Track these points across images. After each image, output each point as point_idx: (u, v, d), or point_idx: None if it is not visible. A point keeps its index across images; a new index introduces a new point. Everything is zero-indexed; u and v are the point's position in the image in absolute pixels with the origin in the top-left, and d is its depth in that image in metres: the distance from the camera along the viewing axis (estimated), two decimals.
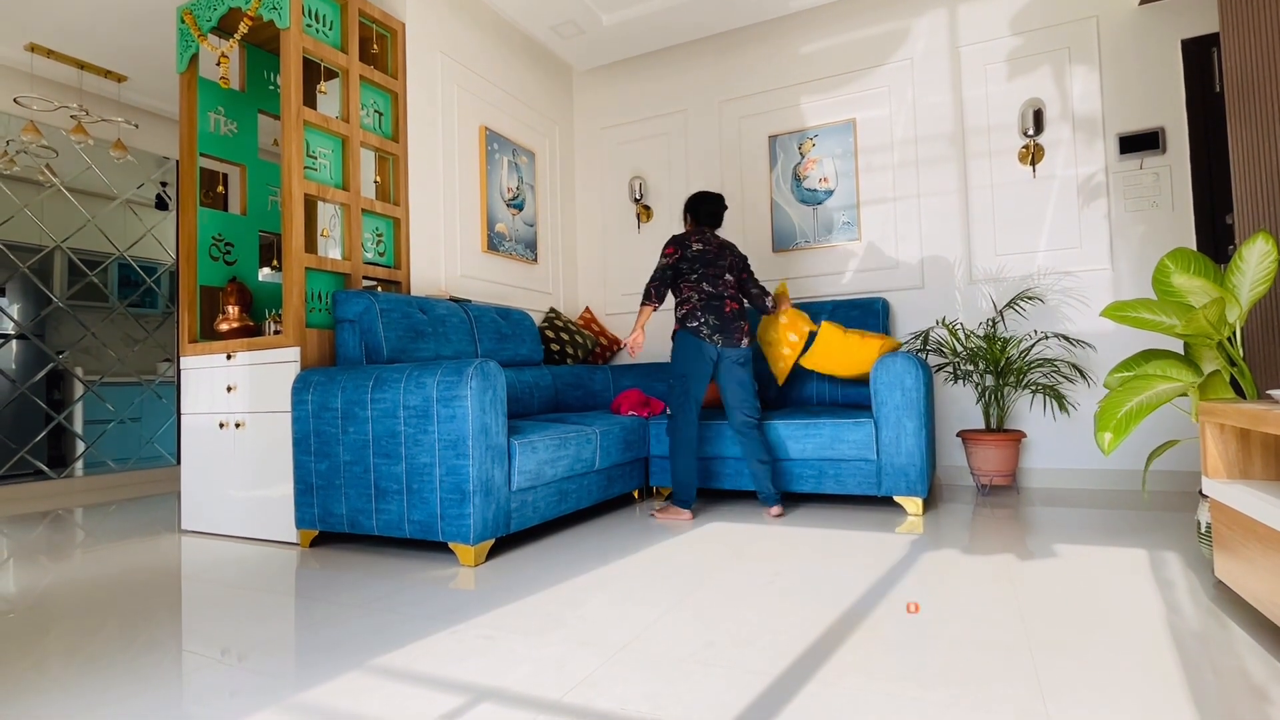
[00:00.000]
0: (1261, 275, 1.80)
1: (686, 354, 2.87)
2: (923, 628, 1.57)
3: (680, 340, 2.89)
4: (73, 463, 4.52)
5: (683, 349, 2.88)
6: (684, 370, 2.87)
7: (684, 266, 2.92)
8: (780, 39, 4.15)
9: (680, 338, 2.90)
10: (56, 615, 1.87)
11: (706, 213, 3.03)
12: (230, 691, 1.35)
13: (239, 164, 3.35)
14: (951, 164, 3.70)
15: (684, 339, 2.88)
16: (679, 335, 2.90)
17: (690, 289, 2.91)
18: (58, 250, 4.53)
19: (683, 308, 2.92)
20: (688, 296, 2.91)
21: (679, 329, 2.91)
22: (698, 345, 2.85)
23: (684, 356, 2.87)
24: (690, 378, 2.86)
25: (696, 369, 2.86)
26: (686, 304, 2.91)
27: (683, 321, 2.90)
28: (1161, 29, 3.29)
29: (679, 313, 2.92)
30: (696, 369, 2.86)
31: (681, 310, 2.92)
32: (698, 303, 2.88)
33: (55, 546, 2.78)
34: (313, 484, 2.57)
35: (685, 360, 2.87)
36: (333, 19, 3.06)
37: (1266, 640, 1.44)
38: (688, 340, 2.87)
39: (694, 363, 2.85)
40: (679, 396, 2.89)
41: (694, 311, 2.88)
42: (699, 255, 2.92)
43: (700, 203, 3.04)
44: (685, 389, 2.87)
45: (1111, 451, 1.87)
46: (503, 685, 1.33)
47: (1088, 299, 3.40)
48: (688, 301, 2.90)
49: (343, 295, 2.78)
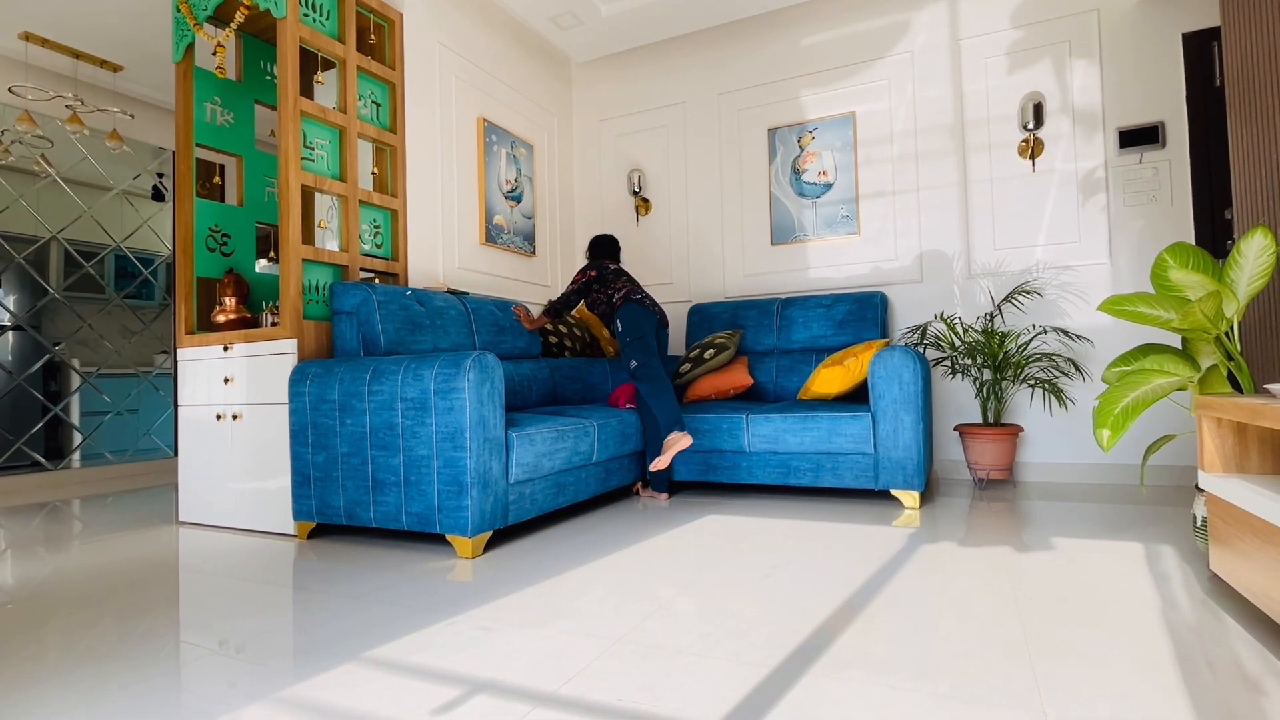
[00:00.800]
0: (1259, 270, 1.80)
1: (635, 318, 3.28)
2: (919, 620, 1.58)
3: (627, 309, 3.29)
4: (70, 454, 4.51)
5: (631, 315, 3.28)
6: (639, 331, 3.26)
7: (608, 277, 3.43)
8: (780, 31, 4.13)
9: (627, 308, 3.29)
10: (54, 607, 1.87)
11: (610, 252, 3.65)
12: (228, 682, 1.35)
13: (236, 155, 3.33)
14: (951, 158, 3.69)
15: (630, 308, 3.30)
16: (625, 308, 3.30)
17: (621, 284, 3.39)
18: (54, 241, 4.51)
19: (617, 292, 3.35)
20: (619, 288, 3.36)
21: (623, 304, 3.31)
22: (642, 310, 3.31)
23: (634, 320, 3.27)
24: (646, 334, 3.27)
25: (649, 329, 3.29)
26: (620, 292, 3.35)
27: (625, 297, 3.33)
28: (1162, 22, 3.28)
29: (616, 296, 3.35)
30: (649, 329, 3.29)
31: (618, 294, 3.35)
32: (631, 288, 3.37)
33: (52, 538, 2.78)
34: (310, 476, 2.56)
35: (637, 323, 3.27)
36: (330, 8, 3.04)
37: (1261, 633, 1.44)
38: (633, 308, 3.30)
39: (645, 325, 3.28)
40: (641, 351, 3.22)
41: (630, 293, 3.34)
42: (603, 277, 3.44)
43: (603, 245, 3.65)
44: (645, 343, 3.24)
45: (1110, 447, 1.87)
46: (500, 677, 1.34)
47: (1086, 293, 3.40)
48: (620, 291, 3.35)
49: (340, 287, 2.77)
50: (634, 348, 3.26)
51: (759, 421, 3.09)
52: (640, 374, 3.18)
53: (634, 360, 3.23)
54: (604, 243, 3.65)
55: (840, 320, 3.64)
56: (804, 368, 3.63)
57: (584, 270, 3.44)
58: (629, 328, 3.29)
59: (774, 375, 3.70)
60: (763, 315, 3.84)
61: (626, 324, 3.29)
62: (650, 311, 3.35)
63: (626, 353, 3.27)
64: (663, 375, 3.18)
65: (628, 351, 3.27)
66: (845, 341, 3.62)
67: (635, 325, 3.29)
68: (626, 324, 3.29)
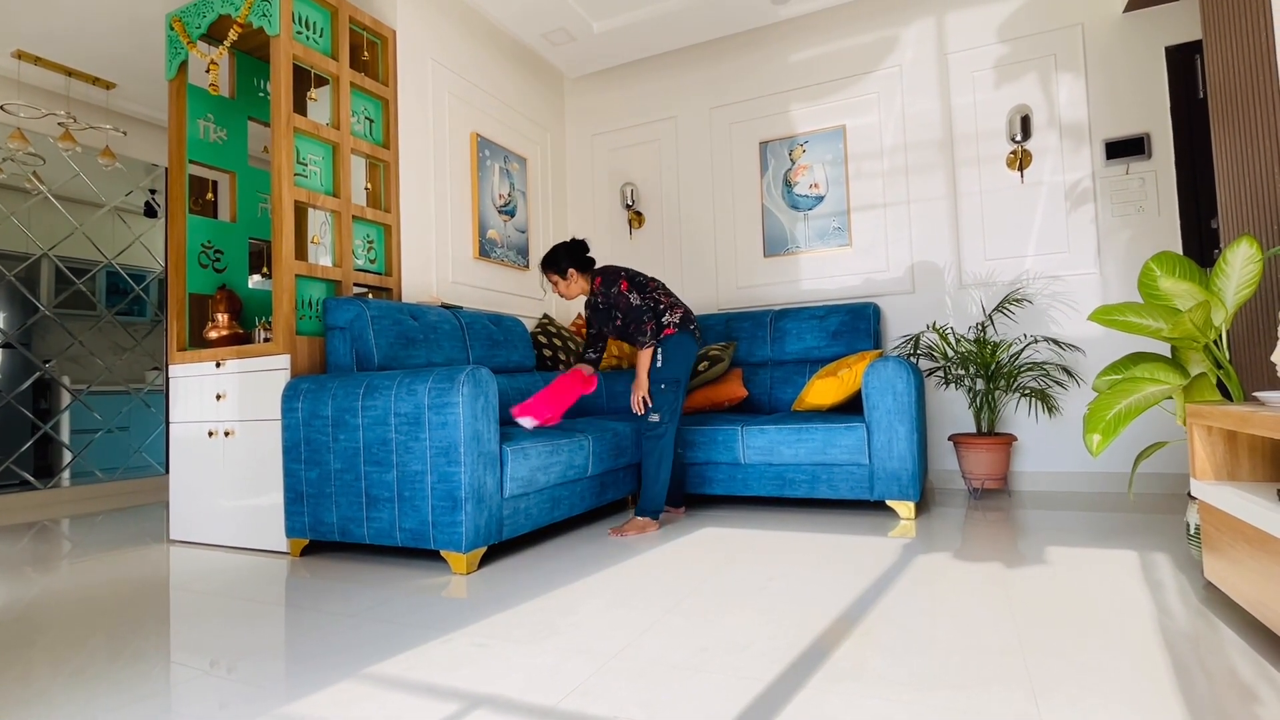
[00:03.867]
0: (1246, 279, 1.82)
1: (684, 357, 2.81)
2: (916, 632, 1.57)
3: (679, 343, 2.80)
4: (59, 473, 4.47)
5: (682, 351, 2.80)
6: (679, 375, 2.80)
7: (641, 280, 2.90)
8: (770, 46, 4.18)
9: (679, 340, 2.80)
10: (42, 627, 1.85)
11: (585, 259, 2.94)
12: (219, 703, 1.34)
13: (229, 171, 3.34)
14: (940, 170, 3.73)
15: (684, 341, 2.81)
16: (677, 338, 2.80)
17: (662, 294, 2.88)
18: (45, 258, 4.49)
19: (673, 313, 2.84)
20: (670, 303, 2.86)
21: (675, 332, 2.80)
22: (693, 346, 2.84)
23: (682, 359, 2.80)
24: (683, 383, 2.83)
25: (686, 374, 2.84)
26: (676, 309, 2.85)
27: (681, 325, 2.82)
28: (1146, 36, 3.34)
29: (671, 317, 2.82)
30: (686, 374, 2.84)
31: (674, 315, 2.84)
32: (683, 305, 2.90)
33: (41, 557, 2.75)
34: (303, 492, 2.55)
35: (682, 363, 2.80)
36: (323, 26, 3.06)
37: (1255, 641, 1.45)
38: (687, 342, 2.82)
39: (686, 366, 2.82)
40: (671, 404, 2.79)
41: (688, 314, 2.88)
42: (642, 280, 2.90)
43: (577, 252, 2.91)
44: (678, 395, 2.81)
45: (1100, 453, 1.89)
46: (495, 694, 1.32)
47: (1076, 303, 3.43)
48: (675, 307, 2.86)
49: (333, 302, 2.76)
50: (667, 397, 2.77)
51: (754, 433, 3.09)
52: (654, 434, 2.76)
53: (657, 415, 2.76)
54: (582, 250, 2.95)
55: (833, 331, 3.65)
56: (798, 379, 3.64)
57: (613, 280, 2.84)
58: (672, 365, 2.75)
59: (768, 387, 3.70)
60: (756, 327, 3.85)
61: (670, 360, 2.75)
62: (698, 344, 2.89)
63: (653, 395, 2.77)
64: (670, 444, 2.79)
65: (655, 395, 2.76)
66: (839, 352, 3.64)
67: (680, 362, 2.77)
68: (670, 360, 2.75)
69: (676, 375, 2.79)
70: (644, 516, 2.77)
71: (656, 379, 2.77)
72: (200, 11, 3.05)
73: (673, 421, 2.80)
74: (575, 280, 2.91)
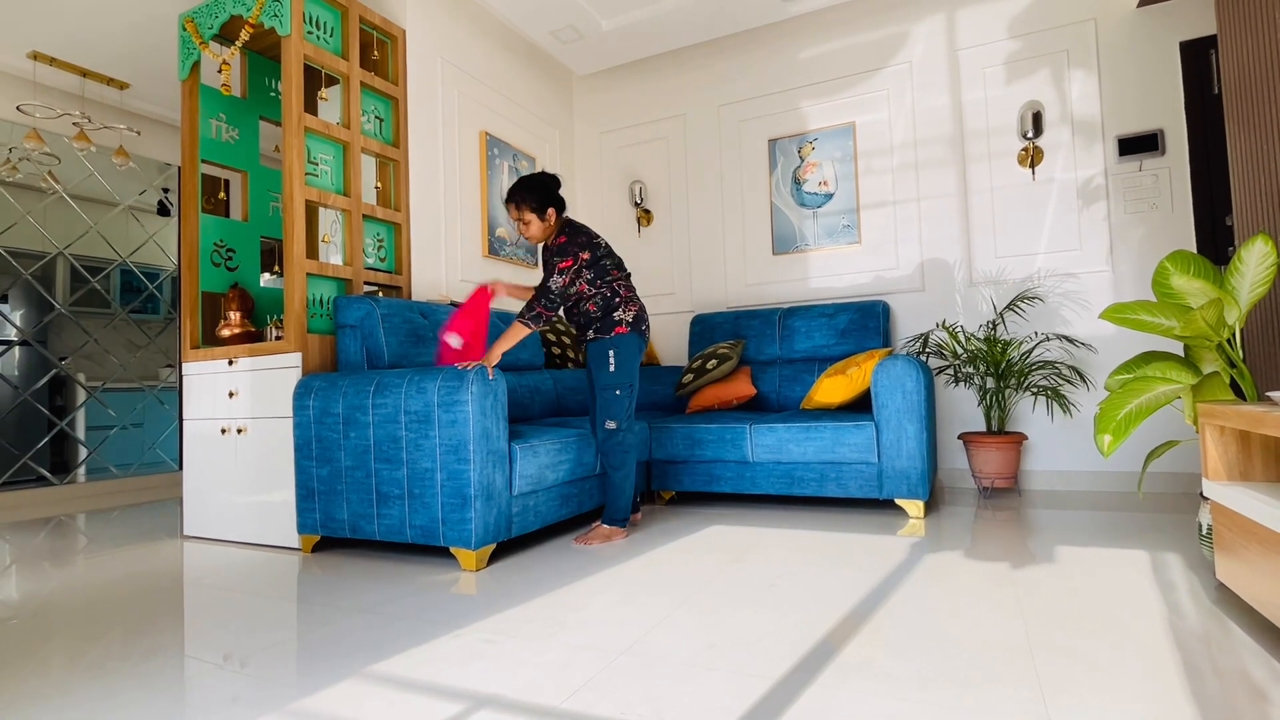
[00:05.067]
0: (1261, 277, 1.80)
1: (634, 357, 2.63)
2: (924, 630, 1.57)
3: (628, 343, 2.61)
4: (75, 469, 4.53)
5: (630, 351, 2.61)
6: (631, 379, 2.62)
7: (605, 263, 2.64)
8: (779, 43, 4.16)
9: (630, 340, 2.61)
10: (59, 621, 1.88)
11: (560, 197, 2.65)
12: (231, 698, 1.35)
13: (240, 170, 3.36)
14: (951, 167, 3.70)
15: (633, 341, 2.62)
16: (628, 339, 2.61)
17: (622, 286, 2.66)
18: (60, 257, 4.54)
19: (627, 309, 2.63)
20: (627, 296, 2.66)
21: (627, 332, 2.61)
22: (641, 347, 2.66)
23: (632, 360, 2.62)
24: (636, 384, 2.66)
25: (637, 375, 2.67)
26: (629, 304, 2.65)
27: (634, 324, 2.63)
28: (1159, 31, 3.30)
29: (623, 314, 2.62)
30: (637, 375, 2.67)
31: (628, 311, 2.63)
32: (639, 302, 2.70)
33: (58, 553, 2.79)
34: (314, 489, 2.57)
35: (632, 364, 2.62)
36: (333, 26, 3.07)
37: (1268, 642, 1.44)
38: (635, 342, 2.63)
39: (637, 367, 2.65)
40: (627, 405, 2.61)
41: (642, 314, 2.68)
42: (608, 247, 2.66)
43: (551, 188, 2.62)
44: (632, 397, 2.64)
45: (1111, 453, 1.87)
46: (504, 690, 1.34)
47: (1088, 301, 3.41)
48: (629, 302, 2.65)
49: (344, 301, 2.78)
50: (621, 401, 2.59)
51: (762, 432, 3.09)
52: (613, 442, 2.60)
53: (614, 422, 2.59)
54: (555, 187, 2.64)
55: (842, 329, 3.64)
56: (807, 377, 3.63)
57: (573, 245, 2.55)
58: (624, 367, 2.60)
59: (777, 385, 3.70)
60: (765, 325, 3.85)
61: (621, 361, 2.60)
62: (646, 342, 2.72)
63: (607, 401, 2.59)
64: (632, 447, 2.63)
65: (610, 401, 2.59)
66: (848, 351, 3.63)
67: (630, 363, 2.61)
68: (621, 361, 2.60)
69: (630, 380, 2.61)
70: (610, 525, 2.63)
71: (611, 383, 2.59)
72: (212, 12, 3.07)
73: (629, 426, 2.63)
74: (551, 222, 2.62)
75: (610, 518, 2.66)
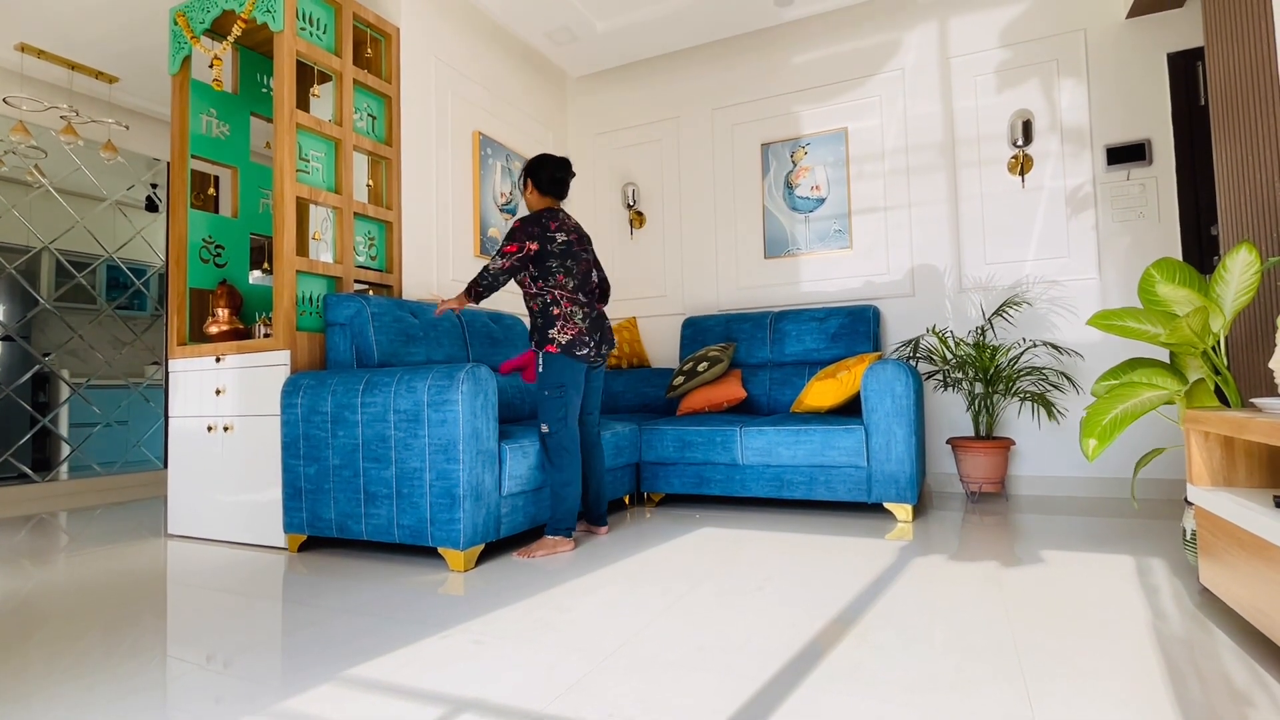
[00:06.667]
0: (1245, 285, 1.82)
1: (563, 369, 2.51)
2: (912, 634, 1.58)
3: (557, 363, 2.50)
4: (57, 466, 4.47)
5: (566, 369, 2.51)
6: (562, 380, 2.50)
7: (552, 264, 2.50)
8: (773, 48, 4.18)
9: (558, 361, 2.49)
10: (39, 621, 1.85)
11: (552, 180, 2.58)
12: (214, 698, 1.34)
13: (231, 166, 3.34)
14: (942, 173, 3.73)
15: (561, 362, 2.49)
16: (557, 359, 2.49)
17: (564, 297, 2.51)
18: (45, 251, 4.49)
19: (564, 328, 2.49)
20: (568, 311, 2.50)
21: (557, 351, 2.48)
22: (574, 368, 2.52)
23: (560, 370, 2.50)
24: (569, 387, 2.51)
25: (574, 379, 2.53)
26: (568, 323, 2.49)
27: (568, 348, 2.48)
28: (1147, 42, 3.34)
29: (558, 333, 2.49)
30: (574, 379, 2.53)
31: (564, 332, 2.49)
32: (581, 321, 2.52)
33: (38, 551, 2.75)
34: (301, 488, 2.55)
35: (561, 372, 2.50)
36: (327, 22, 3.06)
37: (1250, 646, 1.45)
38: (564, 364, 2.50)
39: (571, 373, 2.52)
40: (559, 408, 2.48)
41: (581, 337, 2.50)
42: (565, 248, 2.51)
43: (543, 167, 2.58)
44: (565, 400, 2.50)
45: (1096, 457, 1.89)
46: (491, 691, 1.33)
47: (1075, 308, 3.44)
48: (568, 320, 2.50)
49: (334, 299, 2.77)
50: (551, 403, 2.48)
51: (752, 434, 3.09)
52: (550, 446, 2.49)
53: (545, 424, 2.49)
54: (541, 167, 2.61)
55: (833, 333, 3.66)
56: (797, 381, 3.64)
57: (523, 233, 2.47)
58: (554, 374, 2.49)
59: (767, 388, 3.71)
60: (756, 328, 3.86)
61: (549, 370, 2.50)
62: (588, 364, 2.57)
63: (539, 402, 2.52)
64: (571, 451, 2.49)
65: (540, 403, 2.51)
66: (838, 355, 3.64)
67: (559, 372, 2.50)
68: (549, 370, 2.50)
69: (559, 381, 2.50)
70: (555, 535, 2.47)
71: (540, 385, 2.51)
72: (204, 6, 3.05)
73: (564, 428, 2.49)
74: (531, 194, 2.64)
75: (554, 527, 2.48)
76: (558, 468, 2.49)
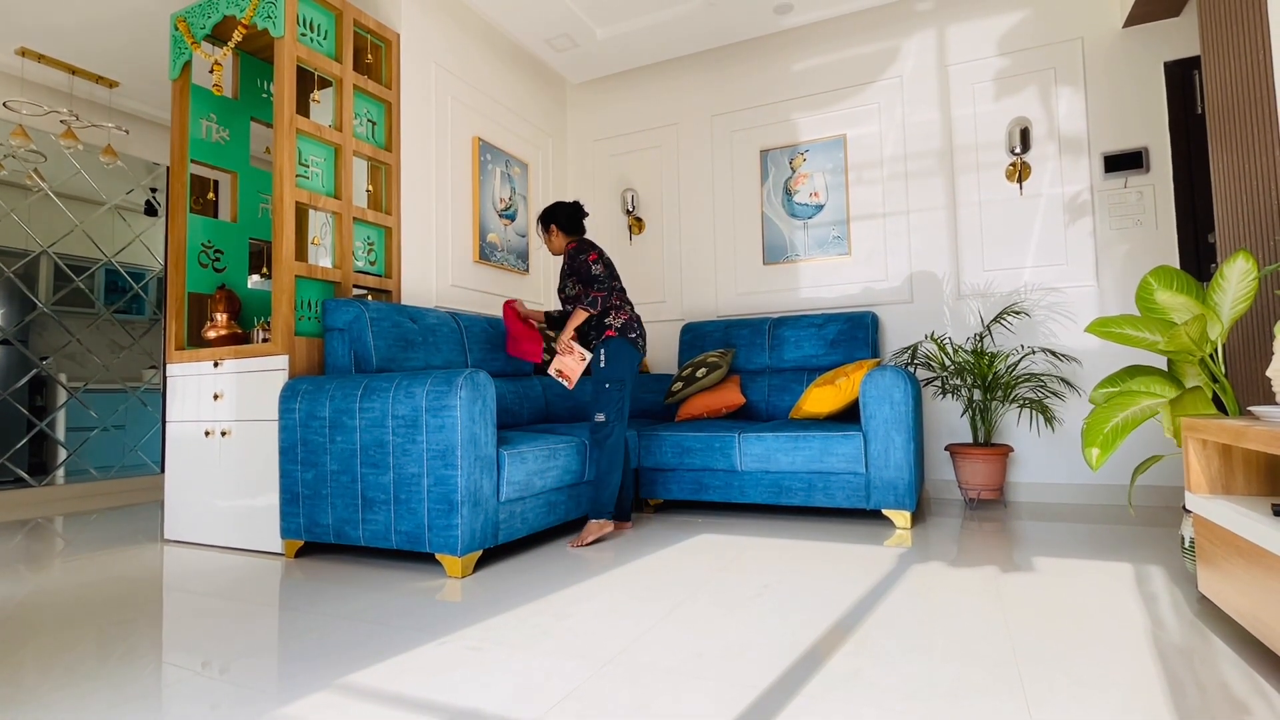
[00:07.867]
0: (1242, 293, 1.83)
1: (625, 360, 2.82)
2: (910, 641, 1.57)
3: (619, 347, 2.82)
4: (54, 470, 4.46)
5: (621, 355, 2.81)
6: (622, 375, 2.80)
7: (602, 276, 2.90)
8: (772, 56, 4.20)
9: (618, 345, 2.82)
10: (34, 626, 1.84)
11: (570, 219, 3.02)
12: (210, 705, 1.33)
13: (230, 171, 3.34)
14: (940, 180, 3.74)
15: (622, 346, 2.82)
16: (616, 342, 2.82)
17: (618, 298, 2.92)
18: (44, 255, 4.49)
19: (617, 315, 2.87)
20: (619, 305, 2.90)
21: (615, 336, 2.83)
22: (634, 354, 2.85)
23: (624, 362, 2.81)
24: (627, 384, 2.82)
25: (631, 375, 2.84)
26: (621, 312, 2.88)
27: (622, 331, 2.84)
28: (1144, 51, 3.36)
29: (614, 320, 2.86)
30: (631, 375, 2.84)
31: (618, 317, 2.87)
32: (631, 312, 2.92)
33: (34, 556, 2.74)
34: (299, 493, 2.54)
35: (623, 365, 2.81)
36: (327, 28, 3.07)
37: (1249, 654, 1.45)
38: (626, 348, 2.83)
39: (629, 369, 2.83)
40: (617, 403, 2.77)
41: (631, 322, 2.88)
42: (611, 265, 2.95)
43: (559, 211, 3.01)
44: (623, 395, 2.80)
45: (1099, 466, 1.89)
46: (487, 699, 1.32)
47: (1073, 315, 3.44)
48: (621, 310, 2.89)
49: (332, 304, 2.77)
50: (611, 395, 2.77)
51: (751, 441, 3.09)
52: (601, 436, 2.76)
53: (602, 414, 2.77)
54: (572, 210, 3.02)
55: (832, 340, 3.66)
56: (796, 387, 3.64)
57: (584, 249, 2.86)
58: (613, 366, 2.80)
59: (766, 394, 3.71)
60: (755, 334, 3.86)
61: (611, 361, 2.81)
62: (640, 352, 2.91)
63: (598, 396, 2.78)
64: (620, 445, 2.79)
65: (603, 397, 2.77)
66: (837, 361, 3.64)
67: (620, 365, 2.81)
68: (611, 361, 2.81)
69: (620, 375, 2.79)
70: (599, 520, 2.73)
71: (600, 378, 2.78)
72: (205, 12, 3.06)
73: (619, 421, 2.77)
74: (556, 236, 3.00)
75: (597, 511, 2.73)
76: (606, 456, 2.75)
